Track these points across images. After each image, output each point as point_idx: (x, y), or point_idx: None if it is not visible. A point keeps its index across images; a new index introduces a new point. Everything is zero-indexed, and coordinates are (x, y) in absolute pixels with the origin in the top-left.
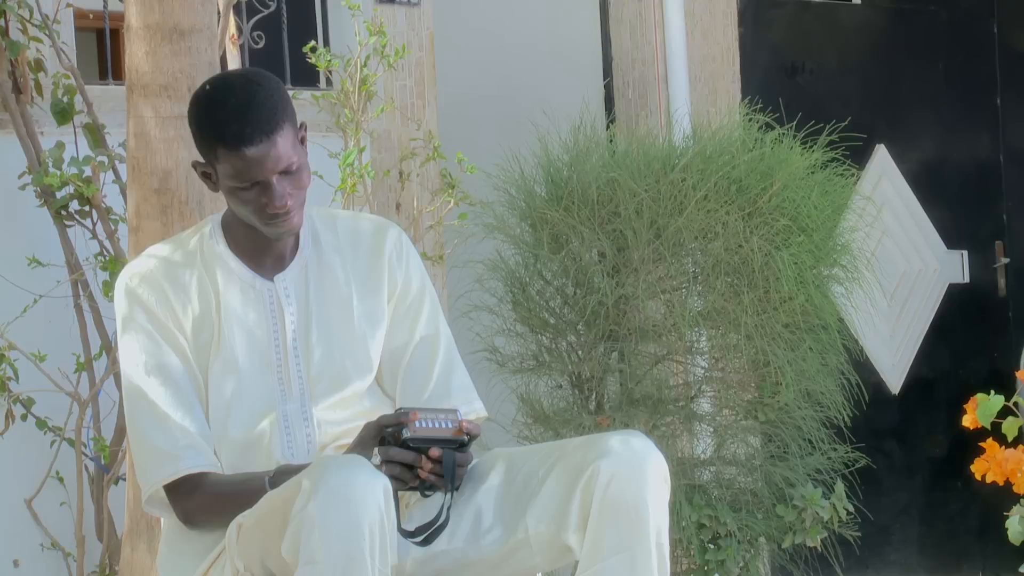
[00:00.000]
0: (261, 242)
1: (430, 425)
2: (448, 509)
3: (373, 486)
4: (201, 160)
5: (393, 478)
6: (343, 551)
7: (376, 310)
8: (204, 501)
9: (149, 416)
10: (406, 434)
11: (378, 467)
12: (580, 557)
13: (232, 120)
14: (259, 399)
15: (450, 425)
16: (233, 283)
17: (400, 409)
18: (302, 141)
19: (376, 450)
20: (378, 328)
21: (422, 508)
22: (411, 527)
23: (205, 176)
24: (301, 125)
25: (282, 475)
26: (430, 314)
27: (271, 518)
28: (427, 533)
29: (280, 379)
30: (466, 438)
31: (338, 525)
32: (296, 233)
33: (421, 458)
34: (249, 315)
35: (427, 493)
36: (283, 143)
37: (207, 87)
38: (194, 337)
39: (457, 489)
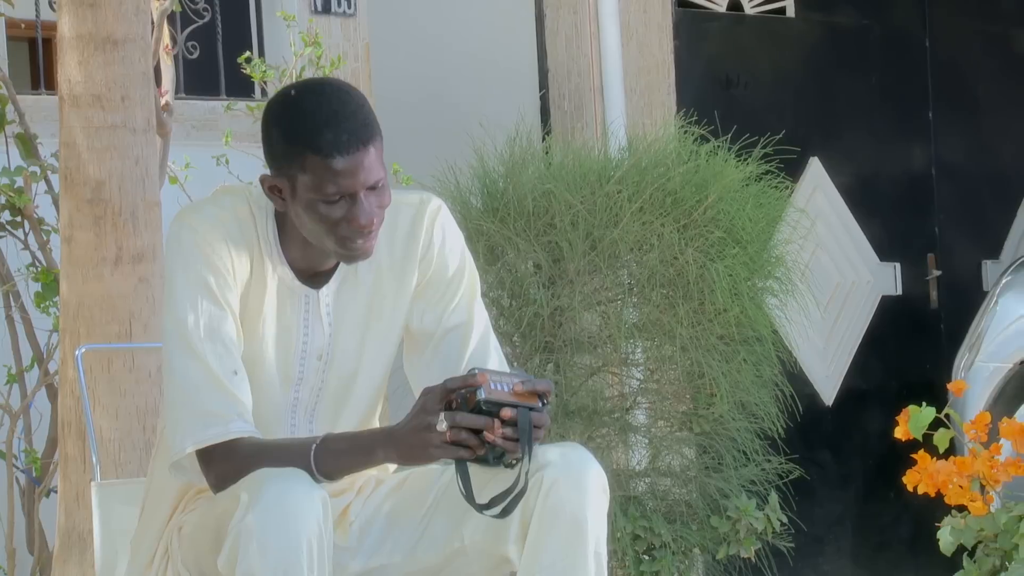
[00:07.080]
0: (313, 258)
1: (502, 388)
2: (527, 475)
3: (311, 499)
4: (272, 173)
5: (459, 445)
6: (281, 564)
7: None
8: (243, 465)
9: (202, 377)
10: (481, 395)
11: (444, 433)
12: (519, 567)
13: (326, 127)
14: (269, 408)
15: (522, 386)
16: (281, 285)
17: (472, 370)
18: None
19: (442, 415)
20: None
21: (487, 479)
22: (484, 499)
23: (274, 191)
24: None
25: (332, 443)
26: (463, 300)
27: (208, 530)
28: (506, 503)
29: (297, 394)
30: (540, 403)
31: (276, 538)
32: (367, 258)
33: (493, 422)
34: (285, 322)
35: (496, 463)
36: (376, 155)
37: (292, 92)
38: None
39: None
